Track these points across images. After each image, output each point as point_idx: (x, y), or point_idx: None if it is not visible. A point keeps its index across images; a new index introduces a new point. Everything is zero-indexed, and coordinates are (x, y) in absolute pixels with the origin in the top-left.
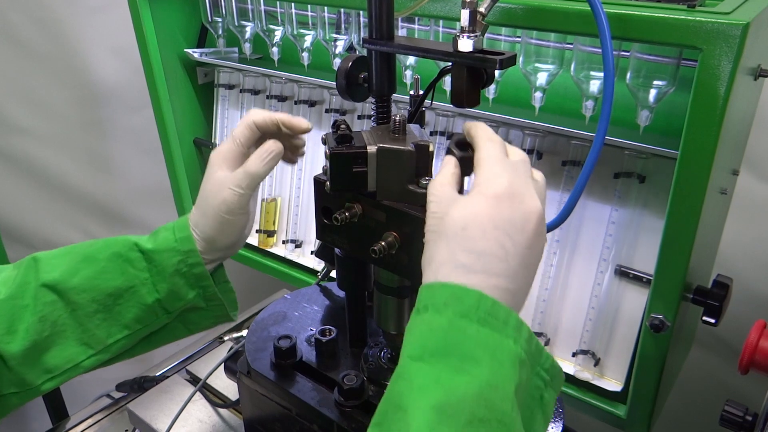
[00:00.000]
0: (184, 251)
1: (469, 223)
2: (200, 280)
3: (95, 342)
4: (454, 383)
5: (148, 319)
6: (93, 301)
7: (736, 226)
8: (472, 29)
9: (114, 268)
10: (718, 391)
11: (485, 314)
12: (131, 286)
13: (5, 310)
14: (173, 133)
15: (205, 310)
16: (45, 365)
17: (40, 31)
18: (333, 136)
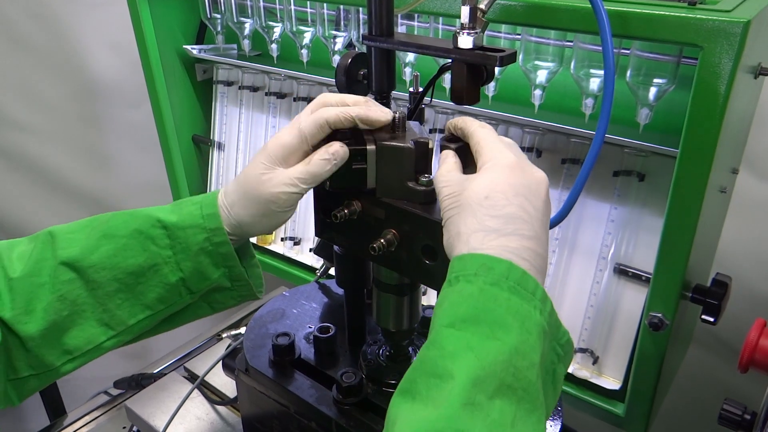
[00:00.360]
0: (211, 229)
1: (491, 192)
2: (226, 260)
3: (116, 323)
4: (486, 349)
5: (171, 299)
6: (114, 280)
7: (735, 225)
8: (473, 26)
9: (135, 245)
10: (716, 390)
11: (515, 284)
12: (153, 265)
13: (22, 288)
14: (172, 129)
15: (230, 290)
16: (65, 346)
17: (38, 27)
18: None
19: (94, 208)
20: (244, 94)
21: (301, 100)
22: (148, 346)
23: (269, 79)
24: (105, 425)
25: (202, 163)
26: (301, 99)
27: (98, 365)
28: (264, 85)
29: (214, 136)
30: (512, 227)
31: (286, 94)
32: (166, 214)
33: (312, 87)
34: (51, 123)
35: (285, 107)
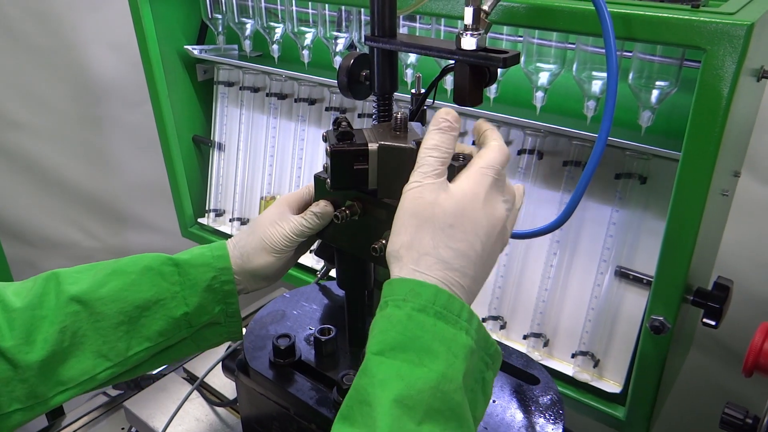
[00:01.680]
0: (219, 268)
1: (456, 221)
2: (227, 297)
3: (114, 354)
4: (414, 376)
5: (171, 332)
6: (120, 313)
7: (737, 228)
8: (476, 27)
9: (145, 280)
10: (717, 394)
11: (441, 308)
12: (161, 299)
13: (22, 320)
14: (172, 129)
15: (222, 326)
16: (60, 377)
17: (38, 26)
18: (334, 133)
19: (93, 208)
20: (245, 94)
21: (302, 101)
22: None
23: (270, 79)
24: (104, 426)
25: (203, 163)
26: (302, 100)
27: None
28: (265, 86)
29: (215, 137)
30: (459, 263)
31: (287, 95)
32: (177, 255)
33: (313, 88)
34: (51, 123)
35: (286, 108)
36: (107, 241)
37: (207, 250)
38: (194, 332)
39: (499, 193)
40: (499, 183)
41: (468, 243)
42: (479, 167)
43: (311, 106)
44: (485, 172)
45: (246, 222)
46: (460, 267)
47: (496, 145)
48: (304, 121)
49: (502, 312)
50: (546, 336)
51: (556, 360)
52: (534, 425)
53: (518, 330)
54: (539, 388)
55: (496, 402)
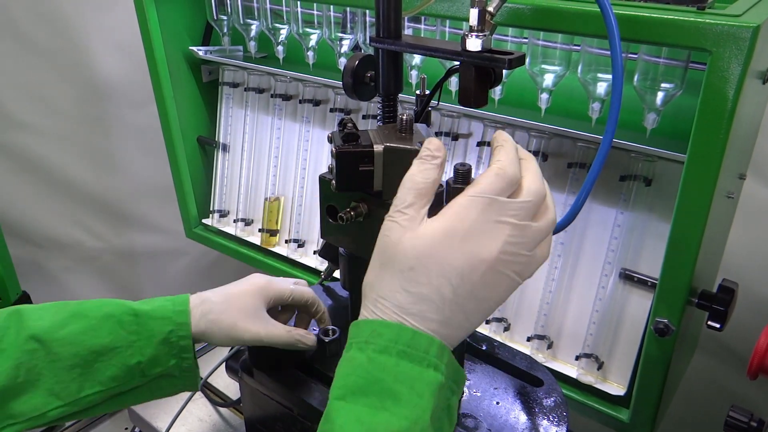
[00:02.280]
0: (178, 322)
1: (417, 263)
2: (183, 352)
3: (66, 394)
4: (375, 422)
5: (124, 379)
6: (75, 355)
7: (742, 231)
8: (481, 28)
9: (104, 326)
10: (722, 397)
11: (405, 346)
12: (117, 347)
13: None
14: (177, 130)
15: (176, 378)
16: (10, 411)
17: (43, 27)
18: (339, 134)
19: (98, 209)
20: (250, 95)
21: (306, 102)
22: None
23: (275, 81)
24: (107, 426)
25: (207, 164)
26: (306, 101)
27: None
28: (270, 87)
29: (219, 138)
30: (417, 308)
31: (292, 96)
32: (139, 305)
33: (318, 89)
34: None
35: (290, 109)
36: (112, 242)
37: (169, 303)
38: (148, 381)
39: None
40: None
41: (432, 287)
42: (467, 196)
43: (316, 108)
44: (472, 203)
45: (250, 223)
46: (419, 312)
47: (493, 169)
48: (308, 122)
49: (506, 314)
50: (550, 338)
51: (560, 362)
52: (538, 427)
53: (522, 332)
54: (543, 390)
55: (500, 403)
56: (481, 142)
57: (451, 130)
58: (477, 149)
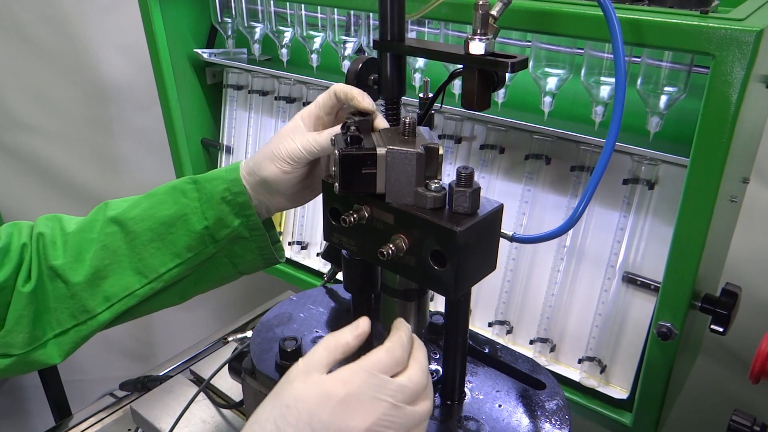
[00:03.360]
0: (230, 179)
1: (292, 403)
2: (244, 209)
3: (149, 271)
4: None
5: (197, 247)
6: (149, 230)
7: (745, 235)
8: (484, 32)
9: (169, 198)
10: (725, 401)
11: None
12: (183, 214)
13: (75, 241)
14: (181, 132)
15: (248, 240)
16: (105, 293)
17: (49, 29)
18: (343, 137)
19: None
20: (254, 98)
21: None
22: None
23: (279, 83)
24: (110, 427)
25: (211, 166)
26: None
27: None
28: (273, 90)
29: (223, 140)
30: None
31: (296, 98)
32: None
33: (321, 92)
34: (61, 125)
35: (294, 112)
36: None
37: (222, 167)
38: (223, 247)
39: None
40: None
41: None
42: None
43: None
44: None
45: None
46: None
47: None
48: None
49: (508, 317)
50: (553, 341)
51: (563, 365)
52: (540, 430)
53: (525, 335)
54: (545, 393)
55: (502, 406)
56: (484, 145)
57: (454, 132)
58: (480, 152)
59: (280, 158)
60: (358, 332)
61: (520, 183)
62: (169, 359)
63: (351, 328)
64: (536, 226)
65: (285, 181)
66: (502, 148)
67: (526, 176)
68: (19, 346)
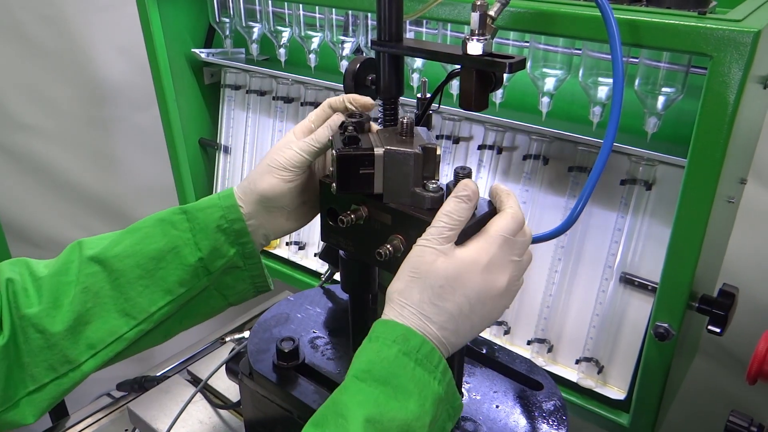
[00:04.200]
0: (225, 206)
1: (446, 281)
2: (240, 236)
3: (137, 311)
4: (388, 406)
5: (190, 281)
6: (136, 266)
7: (742, 235)
8: (482, 32)
9: (156, 231)
10: (722, 401)
11: (423, 357)
12: (174, 247)
13: (50, 285)
14: (179, 132)
15: (242, 270)
16: (88, 340)
17: (46, 29)
18: (340, 137)
19: (99, 210)
20: (252, 98)
21: (308, 105)
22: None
23: (277, 83)
24: (107, 428)
25: (209, 166)
26: (308, 104)
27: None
28: (271, 90)
29: (221, 140)
30: (440, 319)
31: (294, 98)
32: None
33: (319, 92)
34: (59, 125)
35: (292, 112)
36: None
37: (215, 195)
38: (215, 279)
39: (507, 258)
40: (507, 249)
41: (455, 303)
42: (489, 235)
43: None
44: (493, 241)
45: None
46: (441, 322)
47: (509, 213)
48: None
49: (506, 317)
50: (550, 342)
51: (560, 366)
52: (537, 431)
53: (522, 335)
54: (543, 394)
55: (500, 407)
56: (482, 145)
57: (452, 133)
58: (478, 152)
59: (278, 167)
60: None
61: (518, 183)
62: (166, 359)
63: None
64: (534, 227)
65: (284, 193)
66: (499, 149)
67: (524, 177)
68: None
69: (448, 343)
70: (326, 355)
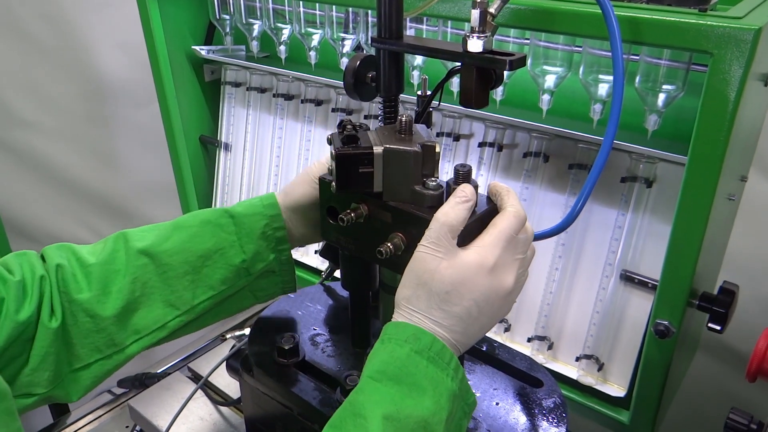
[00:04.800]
0: (270, 215)
1: (453, 287)
2: (279, 244)
3: (181, 303)
4: (404, 404)
5: (232, 280)
6: (184, 263)
7: (743, 233)
8: (482, 30)
9: (205, 232)
10: (722, 399)
11: (434, 354)
12: (221, 248)
13: (98, 273)
14: (179, 129)
15: (276, 275)
16: (134, 326)
17: (47, 26)
18: (339, 136)
19: (100, 207)
20: (252, 95)
21: (308, 102)
22: None
23: (277, 80)
24: (108, 424)
25: (209, 163)
26: (308, 101)
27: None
28: (272, 87)
29: (221, 137)
30: (448, 323)
31: (294, 95)
32: (232, 208)
33: (320, 89)
34: (59, 122)
35: (292, 109)
36: None
37: (258, 201)
38: (252, 281)
39: (512, 257)
40: (511, 247)
41: (463, 307)
42: (493, 236)
43: (318, 107)
44: (498, 242)
45: None
46: (450, 325)
47: (512, 212)
48: (310, 122)
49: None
50: (550, 339)
51: (561, 363)
52: (537, 428)
53: (522, 332)
54: (543, 391)
55: (500, 404)
56: (483, 142)
57: (452, 130)
58: (478, 150)
59: (314, 177)
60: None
61: (519, 181)
62: (166, 356)
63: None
64: (534, 224)
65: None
66: (500, 146)
67: (525, 174)
68: (43, 385)
69: (459, 344)
70: (326, 353)
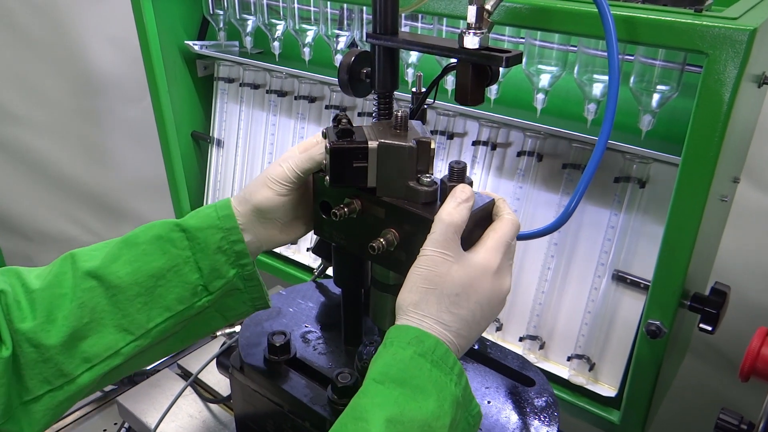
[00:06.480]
0: (226, 228)
1: (463, 290)
2: (240, 258)
3: (135, 327)
4: (408, 407)
5: (189, 299)
6: (135, 284)
7: (735, 234)
8: (479, 26)
9: (155, 249)
10: (712, 399)
11: (438, 358)
12: (174, 266)
13: (43, 299)
14: (171, 125)
15: (242, 292)
16: (84, 354)
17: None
18: (334, 130)
19: (90, 203)
20: (245, 91)
21: (302, 99)
22: None
23: (270, 76)
24: (96, 421)
25: (201, 159)
26: (302, 97)
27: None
28: (265, 83)
29: (214, 133)
30: (456, 326)
31: (287, 92)
32: (184, 220)
33: (313, 86)
34: (50, 117)
35: (286, 105)
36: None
37: (213, 212)
38: (215, 300)
39: (509, 262)
40: (509, 253)
41: (469, 310)
42: (496, 241)
43: (311, 104)
44: (500, 247)
45: None
46: (457, 329)
47: (510, 219)
48: (303, 118)
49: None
50: (542, 338)
51: (552, 363)
52: (528, 427)
53: (514, 332)
54: (534, 390)
55: (491, 403)
56: (477, 141)
57: (446, 128)
58: (472, 148)
59: (273, 180)
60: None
61: (512, 180)
62: None
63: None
64: (527, 224)
65: (278, 206)
66: (494, 145)
67: (518, 173)
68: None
69: (460, 347)
70: (318, 350)
